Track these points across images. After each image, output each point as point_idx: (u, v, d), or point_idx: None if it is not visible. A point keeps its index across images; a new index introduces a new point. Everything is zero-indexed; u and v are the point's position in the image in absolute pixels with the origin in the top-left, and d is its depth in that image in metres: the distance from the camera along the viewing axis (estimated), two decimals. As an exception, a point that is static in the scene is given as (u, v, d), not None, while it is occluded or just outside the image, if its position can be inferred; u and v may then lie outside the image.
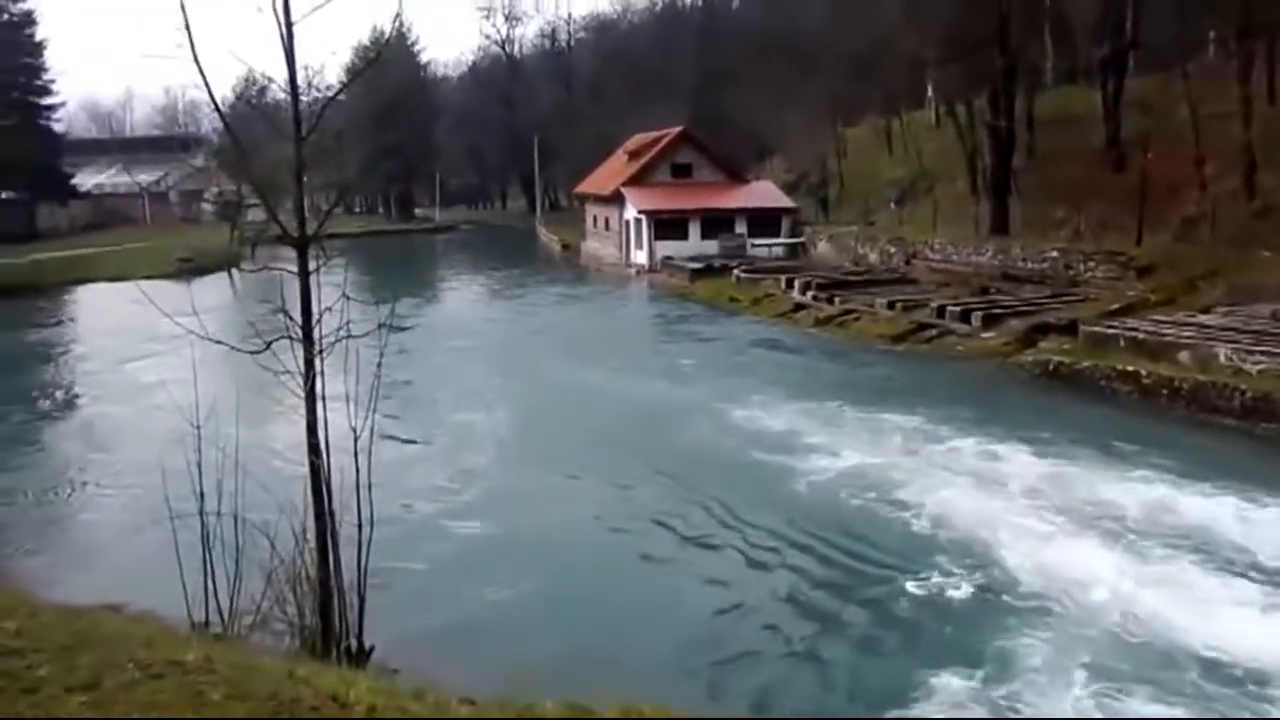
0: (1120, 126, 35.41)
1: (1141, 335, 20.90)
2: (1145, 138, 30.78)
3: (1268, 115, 29.33)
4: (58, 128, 73.42)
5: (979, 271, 31.49)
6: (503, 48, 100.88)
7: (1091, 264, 28.37)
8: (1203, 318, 21.79)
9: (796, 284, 33.51)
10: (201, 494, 7.45)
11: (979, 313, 25.69)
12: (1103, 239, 30.17)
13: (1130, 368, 19.69)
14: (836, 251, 41.26)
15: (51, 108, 70.56)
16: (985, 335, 24.77)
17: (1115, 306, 24.45)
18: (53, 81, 69.20)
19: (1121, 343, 21.00)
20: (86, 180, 78.47)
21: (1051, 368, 21.49)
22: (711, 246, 44.35)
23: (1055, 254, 29.72)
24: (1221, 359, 18.73)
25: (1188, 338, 20.11)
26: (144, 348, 25.26)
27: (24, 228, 63.45)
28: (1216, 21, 33.85)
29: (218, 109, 7.73)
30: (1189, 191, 29.60)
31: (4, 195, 64.61)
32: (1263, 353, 18.27)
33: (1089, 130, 37.26)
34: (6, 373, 26.09)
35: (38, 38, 67.25)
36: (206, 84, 6.73)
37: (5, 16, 64.03)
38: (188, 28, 6.20)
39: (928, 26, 37.37)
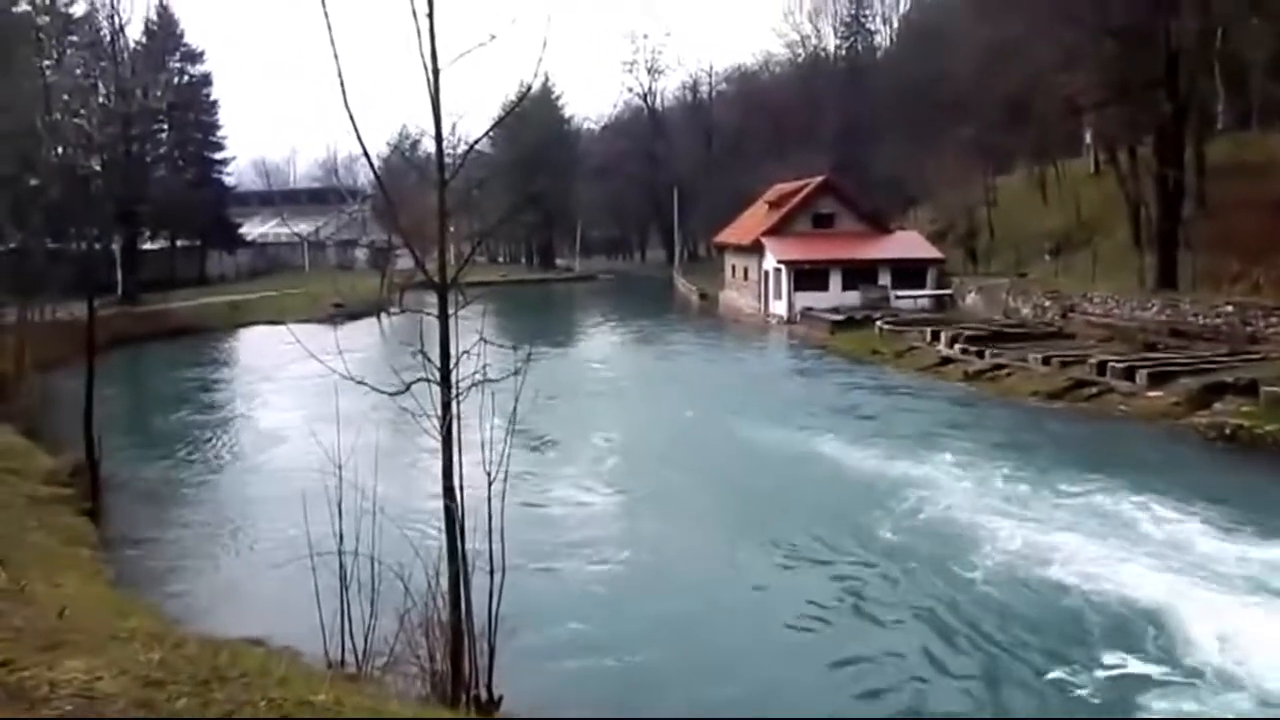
0: (1303, 173, 33.18)
1: (1334, 398, 19.18)
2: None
3: None
4: (228, 181, 78.24)
5: (1144, 327, 29.72)
6: (645, 100, 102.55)
7: (1273, 320, 26.38)
8: (1402, 381, 19.83)
9: (943, 337, 32.39)
10: (340, 535, 7.54)
11: (1144, 370, 24.04)
12: (1286, 294, 28.07)
13: (1321, 434, 18.08)
14: (986, 304, 39.78)
15: (224, 162, 75.30)
16: (1151, 394, 23.14)
17: (1301, 366, 22.61)
18: (225, 138, 74.17)
19: (1310, 406, 19.33)
20: (252, 230, 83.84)
21: (1229, 431, 19.88)
22: (853, 298, 43.53)
23: (1230, 309, 27.79)
24: None
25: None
26: (293, 388, 26.41)
27: (195, 274, 68.60)
28: None
29: (369, 159, 7.98)
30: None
31: (180, 243, 69.40)
32: None
33: (1268, 177, 34.87)
34: (169, 407, 27.93)
35: (212, 97, 72.08)
36: (358, 135, 6.95)
37: (186, 78, 68.89)
38: (342, 85, 6.43)
39: (1086, 69, 35.83)
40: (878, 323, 37.91)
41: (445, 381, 7.00)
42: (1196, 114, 35.50)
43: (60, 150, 21.75)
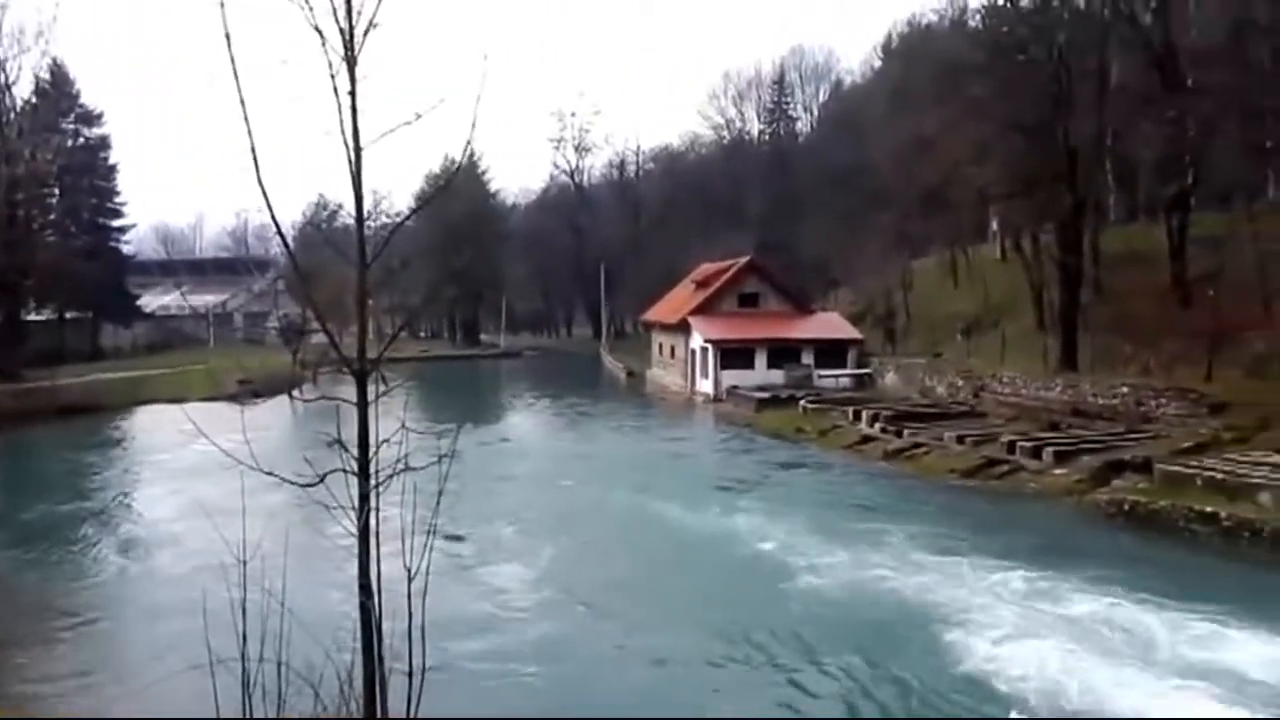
0: (1186, 264, 35.28)
1: (1220, 475, 20.06)
2: (1212, 275, 30.48)
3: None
4: (127, 249, 74.77)
5: (1049, 406, 30.74)
6: (572, 177, 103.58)
7: (1163, 400, 27.69)
8: (1280, 458, 20.81)
9: (864, 416, 32.94)
10: (244, 636, 7.02)
11: (1050, 449, 24.91)
12: (1173, 375, 29.45)
13: (1209, 508, 18.93)
14: (904, 383, 40.69)
15: (122, 229, 72.29)
16: (1057, 472, 24.00)
17: (1188, 444, 23.73)
18: (124, 204, 71.24)
19: (1199, 482, 20.20)
20: (153, 301, 79.49)
21: (1127, 507, 20.70)
22: (778, 376, 44.14)
23: (1126, 390, 29.05)
24: (1307, 500, 17.78)
25: (1269, 478, 19.19)
26: (192, 474, 24.81)
27: (87, 348, 64.27)
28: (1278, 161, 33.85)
29: (280, 233, 7.66)
30: (1258, 329, 29.06)
31: (70, 315, 65.10)
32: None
33: (1154, 267, 37.12)
34: (52, 496, 25.63)
35: (111, 161, 69.30)
36: (270, 208, 6.62)
37: (81, 141, 66.06)
38: (253, 152, 6.12)
39: (996, 162, 37.65)
40: (802, 401, 38.37)
41: (364, 472, 6.67)
42: (1092, 207, 37.49)
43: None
